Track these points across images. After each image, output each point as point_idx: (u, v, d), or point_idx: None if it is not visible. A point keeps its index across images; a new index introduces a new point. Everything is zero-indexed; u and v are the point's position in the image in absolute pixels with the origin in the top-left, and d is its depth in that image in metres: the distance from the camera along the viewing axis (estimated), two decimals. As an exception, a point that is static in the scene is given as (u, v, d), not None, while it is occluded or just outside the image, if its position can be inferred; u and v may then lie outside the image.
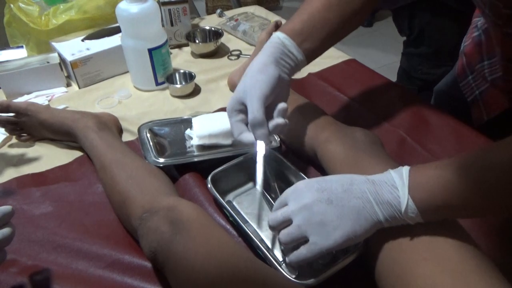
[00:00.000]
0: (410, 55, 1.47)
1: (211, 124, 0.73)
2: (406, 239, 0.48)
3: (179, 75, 0.97)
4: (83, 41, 0.99)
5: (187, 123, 0.79)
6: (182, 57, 1.10)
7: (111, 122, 0.81)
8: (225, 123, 0.73)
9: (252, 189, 0.68)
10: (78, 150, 0.78)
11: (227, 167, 0.67)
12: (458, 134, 0.78)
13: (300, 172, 0.65)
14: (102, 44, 0.98)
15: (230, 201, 0.66)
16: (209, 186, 0.63)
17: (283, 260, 0.55)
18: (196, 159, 0.71)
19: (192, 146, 0.74)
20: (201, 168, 0.70)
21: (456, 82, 0.85)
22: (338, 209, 0.47)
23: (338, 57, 1.06)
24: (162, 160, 0.69)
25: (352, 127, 0.70)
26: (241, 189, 0.69)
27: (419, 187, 0.45)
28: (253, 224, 0.62)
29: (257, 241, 0.55)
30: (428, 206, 0.45)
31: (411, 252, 0.47)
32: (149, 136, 0.75)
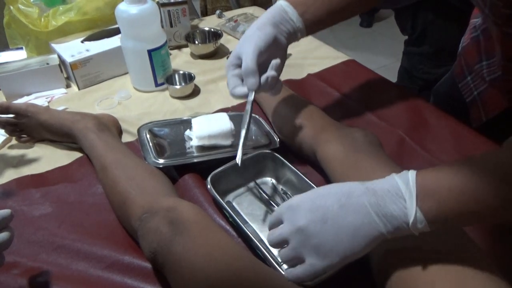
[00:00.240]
0: (412, 55, 1.48)
1: (211, 125, 0.73)
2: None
3: (179, 76, 0.97)
4: (83, 43, 1.00)
5: (187, 124, 0.79)
6: (182, 58, 1.10)
7: (111, 123, 0.81)
8: (225, 124, 0.73)
9: (252, 190, 0.69)
10: (78, 151, 0.78)
11: (227, 168, 0.67)
12: (458, 135, 0.78)
13: (300, 173, 0.65)
14: (102, 45, 0.98)
15: (230, 202, 0.66)
16: (209, 187, 0.63)
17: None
18: (196, 160, 0.71)
19: (192, 147, 0.74)
20: (201, 169, 0.71)
21: (455, 83, 0.85)
22: (334, 229, 0.45)
23: (337, 58, 1.07)
24: (162, 161, 0.69)
25: (351, 128, 0.70)
26: (241, 190, 0.69)
27: (429, 196, 0.42)
28: (253, 225, 0.62)
29: (257, 242, 0.55)
30: (438, 216, 0.42)
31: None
32: (149, 137, 0.75)
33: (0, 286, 0.55)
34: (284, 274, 0.50)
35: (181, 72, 0.97)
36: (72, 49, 0.97)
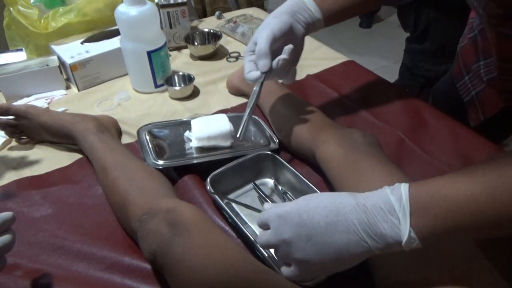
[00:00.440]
0: (413, 52, 1.48)
1: (210, 126, 0.73)
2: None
3: (178, 77, 0.97)
4: (83, 44, 1.00)
5: (186, 125, 0.79)
6: (181, 59, 1.10)
7: (111, 125, 0.81)
8: (224, 125, 0.73)
9: (251, 191, 0.69)
10: (78, 153, 0.78)
11: (226, 169, 0.67)
12: (456, 135, 0.79)
13: (299, 173, 0.66)
14: (101, 47, 0.98)
15: (229, 203, 0.66)
16: (208, 188, 0.63)
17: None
18: (195, 161, 0.71)
19: (191, 148, 0.74)
20: (200, 170, 0.71)
21: (454, 82, 0.85)
22: (318, 246, 0.44)
23: (337, 59, 1.07)
24: (161, 162, 0.69)
25: (350, 129, 0.70)
26: (240, 191, 0.69)
27: (423, 214, 0.40)
28: (252, 225, 0.62)
29: (256, 243, 0.55)
30: (432, 234, 0.40)
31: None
32: (148, 138, 0.75)
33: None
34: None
35: (181, 74, 0.97)
36: (72, 51, 0.97)
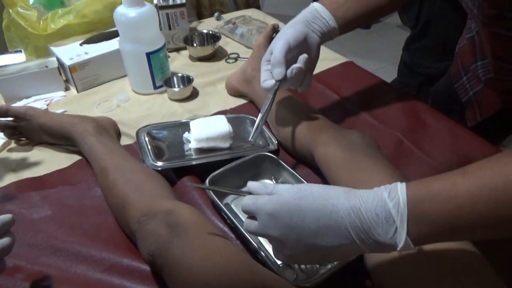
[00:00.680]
0: (413, 50, 1.48)
1: (209, 127, 0.73)
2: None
3: (177, 79, 0.97)
4: (82, 45, 1.00)
5: (185, 127, 0.79)
6: (180, 61, 1.10)
7: (110, 126, 0.81)
8: (223, 126, 0.73)
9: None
10: (77, 154, 0.78)
11: (225, 170, 0.67)
12: (455, 136, 0.79)
13: (297, 175, 0.66)
14: (101, 48, 0.98)
15: (228, 204, 0.66)
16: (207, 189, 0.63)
17: (281, 263, 0.55)
18: (194, 162, 0.71)
19: (190, 149, 0.75)
20: (199, 171, 0.71)
21: (452, 83, 0.86)
22: (308, 247, 0.43)
23: (335, 60, 1.07)
24: (160, 164, 0.69)
25: (349, 130, 0.70)
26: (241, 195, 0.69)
27: (421, 219, 0.39)
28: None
29: (255, 244, 0.55)
30: (427, 238, 0.40)
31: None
32: (147, 140, 0.76)
33: (-1, 289, 0.55)
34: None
35: (180, 75, 0.97)
36: (71, 52, 0.97)
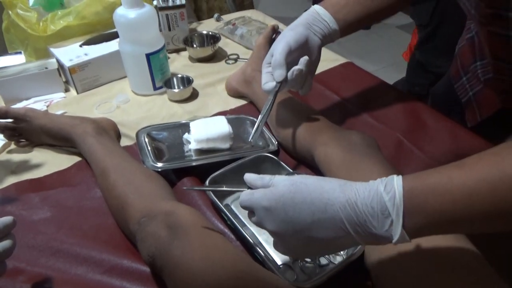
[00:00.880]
0: (425, 50, 1.50)
1: (209, 128, 0.73)
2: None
3: (177, 80, 0.97)
4: (81, 47, 1.00)
5: (185, 128, 0.79)
6: (180, 62, 1.10)
7: (110, 127, 0.81)
8: (223, 127, 0.73)
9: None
10: (77, 156, 0.78)
11: (225, 171, 0.67)
12: (455, 136, 0.79)
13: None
14: (100, 50, 0.98)
15: (228, 205, 0.66)
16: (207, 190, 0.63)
17: (281, 264, 0.55)
18: (194, 163, 0.71)
19: (190, 150, 0.75)
20: (199, 172, 0.71)
21: (452, 84, 0.85)
22: (305, 240, 0.44)
23: (335, 60, 1.07)
24: (160, 165, 0.69)
25: (349, 130, 0.70)
26: (239, 193, 0.69)
27: (416, 213, 0.38)
28: (251, 227, 0.62)
29: (255, 245, 0.55)
30: (423, 230, 0.39)
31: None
32: (147, 141, 0.75)
33: (-1, 291, 0.55)
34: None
35: (180, 76, 0.97)
36: (71, 53, 0.97)
